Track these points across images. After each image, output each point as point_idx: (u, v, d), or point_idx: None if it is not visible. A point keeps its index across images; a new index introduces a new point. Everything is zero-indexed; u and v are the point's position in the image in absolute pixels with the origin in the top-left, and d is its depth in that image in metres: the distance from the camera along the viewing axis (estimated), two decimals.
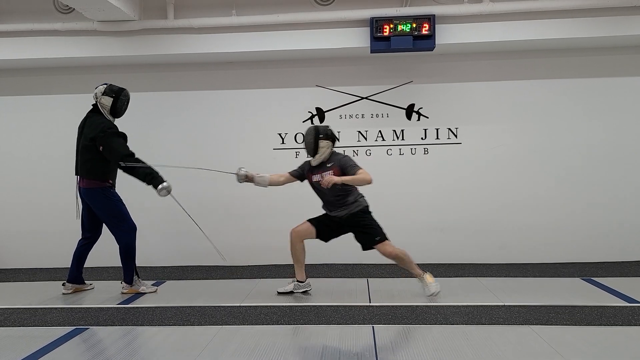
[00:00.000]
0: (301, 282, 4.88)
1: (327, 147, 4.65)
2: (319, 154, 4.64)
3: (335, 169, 4.59)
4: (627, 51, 5.91)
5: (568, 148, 6.03)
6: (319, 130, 4.65)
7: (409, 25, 5.41)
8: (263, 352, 3.46)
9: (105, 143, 4.63)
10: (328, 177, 4.46)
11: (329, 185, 4.42)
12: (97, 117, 4.78)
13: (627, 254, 6.03)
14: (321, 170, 4.65)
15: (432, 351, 3.45)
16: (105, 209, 4.82)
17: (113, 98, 4.76)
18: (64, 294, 5.05)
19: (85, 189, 4.78)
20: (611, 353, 3.36)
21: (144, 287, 5.05)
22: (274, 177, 4.89)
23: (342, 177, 4.47)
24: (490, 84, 6.06)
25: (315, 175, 4.69)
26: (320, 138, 4.60)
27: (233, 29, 5.67)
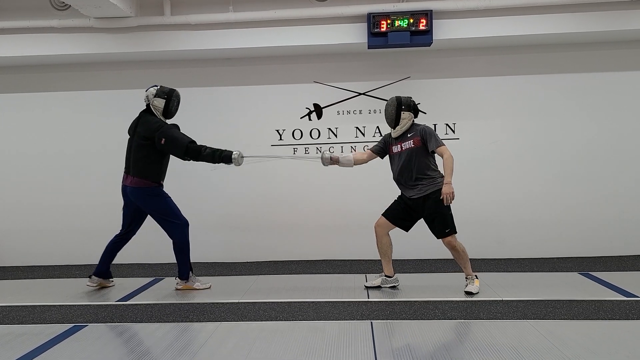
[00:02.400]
0: (389, 277, 4.86)
1: (408, 119, 4.59)
2: (400, 125, 4.59)
3: (416, 138, 4.53)
4: (625, 46, 5.91)
5: (566, 143, 6.04)
6: (401, 101, 4.59)
7: (406, 20, 5.40)
8: (262, 348, 3.47)
9: (166, 135, 4.62)
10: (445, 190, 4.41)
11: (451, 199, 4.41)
12: (151, 117, 4.78)
13: (624, 249, 6.04)
14: (401, 140, 4.60)
15: (431, 346, 3.46)
16: (155, 207, 4.81)
17: (165, 99, 4.77)
18: (88, 285, 5.05)
19: (133, 187, 4.75)
20: (609, 347, 3.37)
21: (198, 284, 5.03)
22: (357, 155, 4.89)
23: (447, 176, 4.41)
24: (487, 80, 6.06)
25: (395, 146, 4.65)
26: (402, 109, 4.56)
27: (230, 25, 5.65)
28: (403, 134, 4.61)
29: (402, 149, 4.58)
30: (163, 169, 4.84)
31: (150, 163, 4.71)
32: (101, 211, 6.30)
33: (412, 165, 4.54)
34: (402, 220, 4.74)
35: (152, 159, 4.71)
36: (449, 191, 4.42)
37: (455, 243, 4.56)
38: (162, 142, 4.62)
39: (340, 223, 6.23)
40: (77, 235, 6.38)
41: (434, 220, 4.56)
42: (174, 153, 4.71)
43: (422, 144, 4.52)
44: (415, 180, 4.56)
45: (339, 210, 6.23)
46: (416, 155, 4.53)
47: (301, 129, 6.24)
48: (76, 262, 6.36)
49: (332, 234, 6.24)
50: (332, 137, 6.22)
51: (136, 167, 4.73)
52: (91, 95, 6.29)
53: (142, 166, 4.72)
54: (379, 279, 4.90)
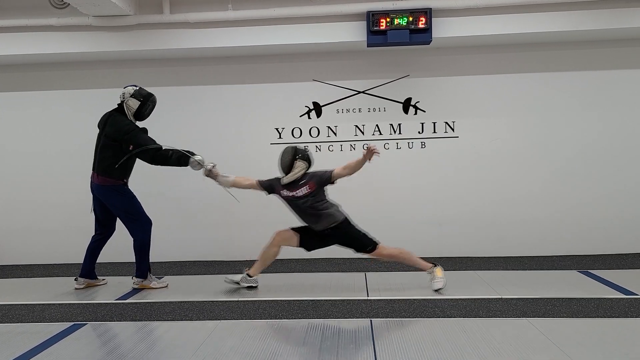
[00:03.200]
0: (251, 276, 4.90)
1: (301, 169, 4.65)
2: (292, 173, 4.64)
3: (310, 183, 4.61)
4: (624, 44, 5.91)
5: (565, 141, 6.04)
6: (296, 150, 4.68)
7: (406, 18, 5.40)
8: (261, 347, 3.47)
9: (135, 142, 4.65)
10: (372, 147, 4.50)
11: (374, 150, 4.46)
12: (120, 117, 4.78)
13: (623, 247, 6.05)
14: (293, 187, 4.65)
15: (430, 344, 3.46)
16: (119, 205, 4.83)
17: (140, 102, 4.77)
18: (76, 288, 5.06)
19: (98, 185, 4.78)
20: (608, 345, 3.37)
21: (155, 283, 5.05)
22: (238, 179, 4.90)
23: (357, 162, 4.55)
24: (487, 78, 6.06)
25: (284, 191, 4.70)
26: (297, 158, 4.63)
27: (229, 24, 5.64)
28: (295, 181, 4.66)
29: (295, 195, 4.63)
30: (128, 169, 4.85)
31: (115, 162, 4.71)
32: None
33: (311, 207, 4.62)
34: (312, 237, 4.77)
35: (117, 159, 4.71)
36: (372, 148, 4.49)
37: (389, 252, 4.68)
38: (130, 148, 4.66)
39: None
40: (76, 233, 6.35)
41: (352, 245, 4.72)
42: (142, 159, 4.74)
43: (318, 186, 4.61)
44: (318, 218, 4.64)
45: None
46: (312, 198, 4.61)
47: (300, 127, 6.24)
48: (75, 261, 6.31)
49: None
50: (331, 135, 6.22)
51: (101, 165, 4.76)
52: (90, 93, 6.28)
53: (107, 165, 4.73)
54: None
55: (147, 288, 5.00)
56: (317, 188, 4.61)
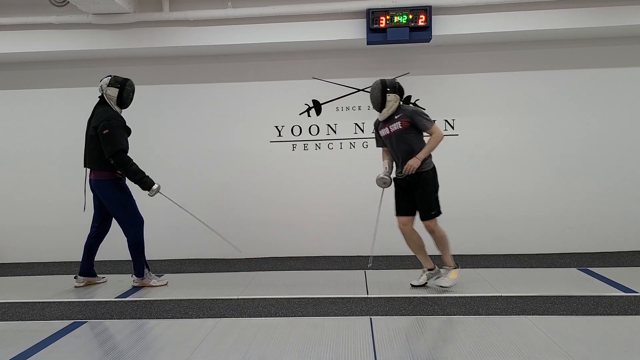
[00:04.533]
0: (431, 270, 4.80)
1: (394, 101, 4.52)
2: (387, 108, 4.52)
3: (403, 120, 4.48)
4: (624, 42, 5.91)
5: (565, 139, 6.04)
6: (386, 83, 4.52)
7: (406, 16, 5.40)
8: (261, 345, 3.47)
9: (110, 129, 4.63)
10: (410, 162, 4.41)
11: (413, 170, 4.40)
12: (104, 108, 4.78)
13: (623, 244, 6.05)
14: (389, 123, 4.55)
15: (430, 342, 3.47)
16: (114, 201, 4.82)
17: (118, 89, 4.76)
18: (76, 286, 5.06)
19: (96, 180, 4.79)
20: (607, 342, 3.37)
21: (154, 281, 5.06)
22: (384, 157, 4.80)
23: (421, 152, 4.44)
24: (487, 76, 6.05)
25: (383, 129, 4.61)
26: (387, 92, 4.49)
27: (229, 22, 5.64)
28: (390, 116, 4.56)
29: (390, 131, 4.55)
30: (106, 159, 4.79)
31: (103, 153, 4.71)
32: None
33: (402, 146, 4.53)
34: (411, 207, 4.67)
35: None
36: (412, 164, 4.41)
37: (434, 227, 4.56)
38: (104, 131, 4.63)
39: (340, 219, 6.24)
40: (76, 231, 6.34)
41: (420, 199, 4.56)
42: (105, 148, 4.65)
43: (410, 125, 4.49)
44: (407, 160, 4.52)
45: (339, 207, 6.23)
46: (406, 137, 4.51)
47: (300, 125, 6.23)
48: (75, 259, 6.31)
49: (331, 230, 6.24)
50: (331, 133, 6.21)
51: (92, 158, 4.76)
52: (90, 91, 6.20)
53: (97, 157, 4.74)
54: (423, 275, 4.80)
55: (147, 286, 5.01)
56: (409, 126, 4.48)
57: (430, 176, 4.54)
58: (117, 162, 4.68)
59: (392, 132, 4.55)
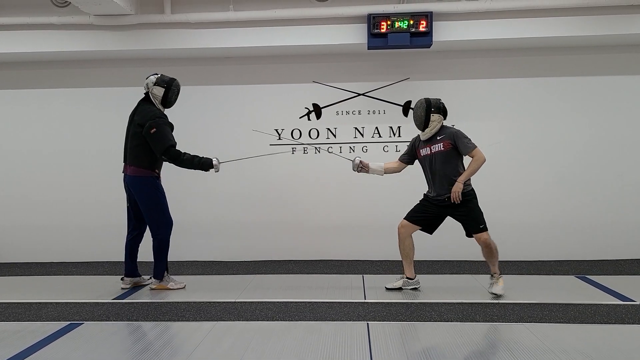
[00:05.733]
0: (410, 279, 4.83)
1: (438, 122, 4.53)
2: (430, 128, 4.53)
3: (446, 142, 4.48)
4: (624, 50, 5.92)
5: (564, 146, 6.05)
6: (430, 103, 4.53)
7: (407, 22, 5.41)
8: (258, 348, 3.46)
9: (158, 127, 4.62)
10: (454, 189, 4.39)
11: (459, 197, 4.39)
12: (149, 106, 4.77)
13: (621, 252, 6.05)
14: (430, 143, 4.55)
15: (427, 348, 3.46)
16: (147, 199, 4.77)
17: (165, 88, 4.75)
18: (122, 288, 4.98)
19: (131, 176, 4.74)
20: (605, 351, 3.37)
21: (172, 284, 5.01)
22: (388, 164, 4.87)
23: (463, 175, 4.43)
24: (487, 82, 6.06)
25: (423, 149, 4.60)
26: (432, 112, 4.49)
27: (230, 24, 5.65)
28: (432, 136, 4.56)
29: (431, 151, 4.54)
30: (159, 159, 4.82)
31: (146, 150, 4.70)
32: (99, 208, 6.31)
33: (443, 168, 4.51)
34: (426, 222, 4.70)
35: (148, 146, 4.69)
36: (456, 189, 4.40)
37: (489, 240, 4.54)
38: (151, 130, 4.62)
39: (338, 223, 6.24)
40: (74, 232, 6.37)
41: (467, 217, 4.55)
42: (154, 146, 4.66)
43: (453, 147, 4.48)
44: (448, 183, 4.51)
45: (337, 211, 6.23)
46: (447, 158, 4.50)
47: (300, 128, 6.24)
48: (73, 259, 6.36)
49: (329, 234, 6.24)
50: (330, 137, 6.22)
51: (132, 154, 4.74)
52: (90, 92, 6.29)
53: (137, 153, 4.71)
54: (400, 280, 4.85)
55: (164, 289, 4.96)
56: (451, 148, 4.48)
57: (472, 194, 4.55)
58: (170, 157, 4.68)
59: (432, 153, 4.54)
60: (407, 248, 4.76)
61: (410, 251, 4.78)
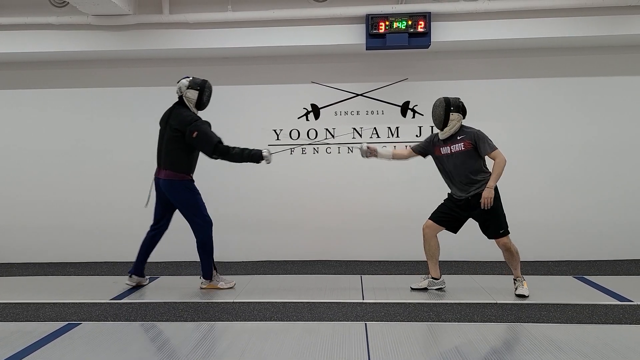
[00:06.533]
0: (436, 279, 4.82)
1: (457, 120, 4.52)
2: (449, 127, 4.51)
3: (466, 141, 4.46)
4: (622, 50, 5.93)
5: (562, 147, 6.05)
6: (449, 102, 4.51)
7: (405, 22, 5.41)
8: (256, 349, 3.46)
9: (199, 130, 4.60)
10: (485, 195, 4.36)
11: (490, 202, 4.36)
12: (184, 110, 4.75)
13: (619, 253, 6.06)
14: (450, 142, 4.53)
15: (425, 348, 3.46)
16: (184, 202, 4.78)
17: (198, 91, 4.73)
18: (127, 284, 4.98)
19: (166, 180, 4.72)
20: (602, 351, 3.37)
21: (222, 283, 4.99)
22: (397, 150, 4.86)
23: (491, 180, 4.39)
24: (485, 82, 6.07)
25: (443, 147, 4.57)
26: (451, 110, 4.47)
27: (228, 25, 5.65)
28: (452, 135, 4.54)
29: (451, 151, 4.52)
30: (193, 162, 4.82)
31: (181, 155, 4.70)
32: (96, 209, 6.31)
33: (463, 168, 4.49)
34: (450, 222, 4.69)
35: (183, 151, 4.69)
36: (488, 195, 4.37)
37: (510, 244, 4.53)
38: (193, 135, 4.60)
39: (337, 224, 6.24)
40: (71, 232, 6.36)
41: (487, 221, 4.52)
42: (202, 149, 4.68)
43: (473, 147, 4.47)
44: (467, 183, 4.50)
45: (336, 211, 6.23)
46: (467, 159, 4.48)
47: (298, 129, 6.24)
48: (70, 260, 6.35)
49: (328, 235, 6.24)
50: (329, 137, 6.22)
51: (167, 159, 4.72)
52: (88, 92, 6.28)
53: (173, 158, 4.70)
54: (425, 280, 4.84)
55: (215, 288, 4.95)
56: (472, 148, 4.46)
57: (496, 196, 4.52)
58: (220, 154, 4.66)
59: (453, 152, 4.52)
60: (432, 248, 4.75)
61: (436, 251, 4.77)
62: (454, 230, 4.77)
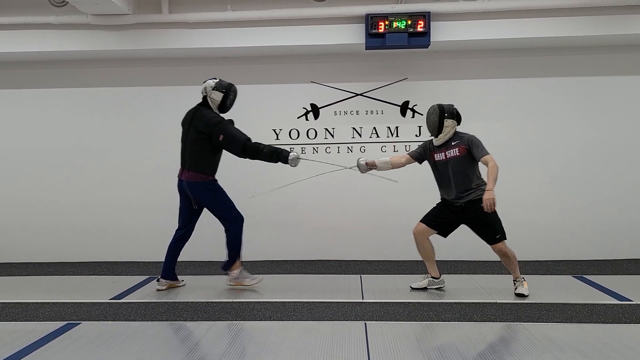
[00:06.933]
0: (435, 278, 4.83)
1: (451, 127, 4.53)
2: (443, 133, 4.51)
3: (461, 147, 4.47)
4: (621, 50, 5.93)
5: (561, 146, 6.06)
6: (443, 108, 4.52)
7: (404, 22, 5.41)
8: (255, 348, 3.46)
9: (225, 132, 4.60)
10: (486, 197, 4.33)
11: (493, 205, 4.34)
12: (207, 111, 4.74)
13: (618, 252, 6.06)
14: (445, 148, 4.53)
15: (424, 348, 3.46)
16: (211, 201, 4.80)
17: (223, 93, 4.73)
18: (158, 289, 4.94)
19: (190, 182, 4.72)
20: (602, 350, 3.37)
21: (248, 280, 4.99)
22: (395, 158, 4.81)
23: (490, 183, 4.37)
24: (485, 82, 6.07)
25: (438, 153, 4.57)
26: (445, 117, 4.48)
27: (228, 24, 5.64)
28: (447, 141, 4.55)
29: (446, 157, 4.52)
30: (217, 163, 4.83)
31: (205, 157, 4.70)
32: (96, 209, 6.30)
33: (459, 173, 4.50)
34: (442, 226, 4.69)
35: (207, 152, 4.70)
36: (490, 197, 4.35)
37: (506, 249, 4.53)
38: (220, 138, 4.59)
39: (336, 223, 6.23)
40: (71, 232, 6.36)
41: (482, 227, 4.54)
42: (231, 150, 4.68)
43: (468, 152, 4.48)
44: (462, 188, 4.50)
45: (335, 211, 6.23)
46: (462, 164, 4.49)
47: (298, 129, 6.24)
48: (70, 260, 6.35)
49: (327, 234, 6.24)
50: (328, 137, 6.22)
51: (192, 160, 4.72)
52: (88, 92, 6.28)
53: (197, 160, 4.70)
54: (425, 280, 4.84)
55: (241, 285, 4.95)
56: (467, 154, 4.47)
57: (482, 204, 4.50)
58: (249, 155, 4.65)
59: (448, 158, 4.52)
60: (427, 251, 4.76)
61: (432, 252, 4.78)
62: (445, 234, 4.78)
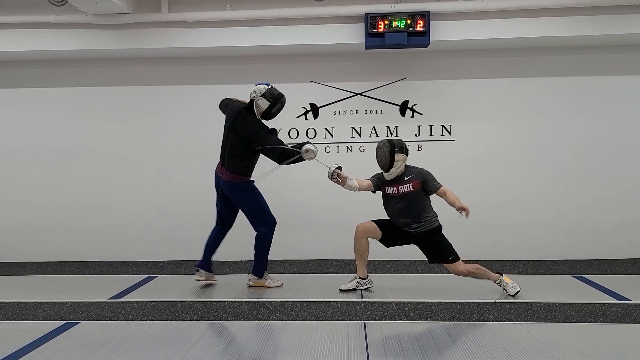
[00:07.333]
0: (363, 279, 4.83)
1: (402, 161, 4.53)
2: (395, 168, 4.51)
3: (415, 182, 4.50)
4: (621, 50, 5.93)
5: (561, 146, 6.06)
6: (393, 143, 4.52)
7: (404, 21, 5.41)
8: (254, 348, 3.46)
9: (263, 142, 4.64)
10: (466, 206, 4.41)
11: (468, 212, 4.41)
12: (250, 117, 4.76)
13: (618, 252, 6.06)
14: (397, 183, 4.54)
15: (423, 347, 3.46)
16: (246, 202, 4.83)
17: (270, 103, 4.74)
18: (197, 280, 5.01)
19: (227, 182, 4.77)
20: (601, 350, 3.38)
21: (270, 282, 5.01)
22: (361, 182, 4.76)
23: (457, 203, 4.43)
24: (484, 81, 6.07)
25: (390, 187, 4.58)
26: (395, 151, 4.48)
27: (227, 24, 5.63)
28: (399, 176, 4.56)
29: (398, 191, 4.53)
30: (254, 165, 4.86)
31: (243, 160, 4.74)
32: (95, 209, 6.30)
33: (411, 208, 4.52)
34: (392, 234, 4.70)
35: (246, 156, 4.74)
36: (466, 206, 4.43)
37: (463, 268, 4.55)
38: (258, 148, 4.66)
39: (335, 222, 6.22)
40: (70, 232, 6.35)
41: (436, 254, 4.59)
42: (272, 158, 4.72)
43: (422, 187, 4.51)
44: (414, 221, 4.54)
45: (335, 210, 6.22)
46: (417, 198, 4.51)
47: (297, 128, 6.23)
48: (69, 259, 6.34)
49: (326, 234, 6.24)
50: (328, 136, 6.22)
51: (231, 162, 4.75)
52: (87, 91, 6.27)
53: (235, 162, 4.74)
54: (354, 281, 4.86)
55: (262, 286, 4.96)
56: (421, 188, 4.50)
57: (432, 234, 4.57)
58: (285, 162, 4.69)
59: (400, 193, 4.53)
60: (362, 248, 4.75)
61: (366, 252, 4.77)
62: (387, 244, 4.77)
